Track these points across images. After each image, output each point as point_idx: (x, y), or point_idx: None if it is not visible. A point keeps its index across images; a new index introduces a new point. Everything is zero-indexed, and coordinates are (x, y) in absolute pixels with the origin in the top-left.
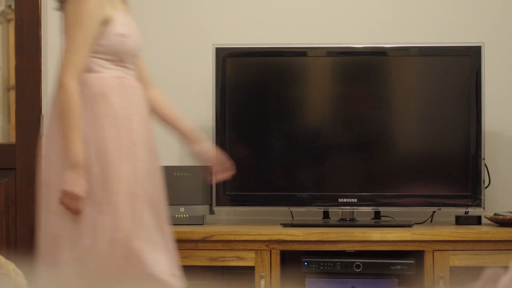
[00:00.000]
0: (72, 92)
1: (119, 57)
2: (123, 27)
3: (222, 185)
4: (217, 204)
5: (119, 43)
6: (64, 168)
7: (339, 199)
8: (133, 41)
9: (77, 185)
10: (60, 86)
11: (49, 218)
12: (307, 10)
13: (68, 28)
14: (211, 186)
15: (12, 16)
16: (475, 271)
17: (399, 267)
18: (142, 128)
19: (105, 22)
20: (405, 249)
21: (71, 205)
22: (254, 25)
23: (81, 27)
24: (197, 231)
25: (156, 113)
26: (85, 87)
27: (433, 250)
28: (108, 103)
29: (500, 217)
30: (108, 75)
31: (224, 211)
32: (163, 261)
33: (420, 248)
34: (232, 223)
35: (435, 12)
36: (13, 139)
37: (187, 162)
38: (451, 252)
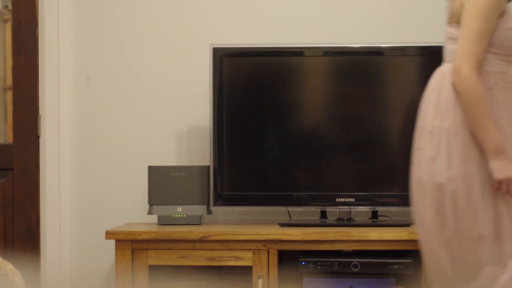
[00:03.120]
0: (476, 82)
1: (505, 52)
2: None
3: (220, 185)
4: (215, 204)
5: (507, 37)
6: (490, 157)
7: (337, 199)
8: None
9: (507, 169)
10: (460, 75)
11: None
12: (303, 10)
13: (469, 18)
14: (209, 186)
15: (9, 16)
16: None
17: (396, 266)
18: None
19: (501, 15)
20: (402, 248)
21: (511, 190)
22: (251, 25)
23: (484, 19)
24: (195, 231)
25: None
26: None
27: None
28: (491, 99)
29: None
30: (492, 70)
31: (222, 211)
32: None
33: (418, 248)
34: (229, 223)
35: (432, 12)
36: (10, 139)
37: (185, 162)
38: None
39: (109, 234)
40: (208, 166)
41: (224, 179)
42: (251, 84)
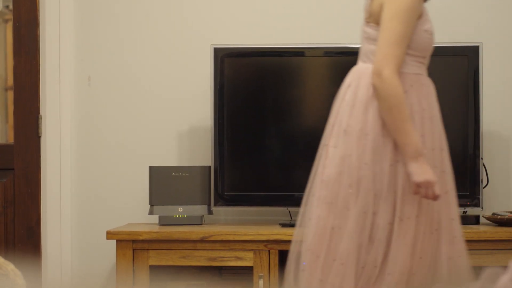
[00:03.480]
0: (397, 85)
1: (421, 54)
2: (429, 23)
3: (221, 185)
4: (216, 204)
5: (424, 40)
6: (408, 160)
7: None
8: (433, 37)
9: (426, 172)
10: (381, 78)
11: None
12: (303, 10)
13: (389, 20)
14: (210, 186)
15: (9, 16)
16: (474, 271)
17: None
18: (430, 130)
19: (419, 17)
20: None
21: (429, 193)
22: (252, 25)
23: (405, 21)
24: (196, 231)
25: None
26: None
27: None
28: (407, 101)
29: (499, 216)
30: (408, 72)
31: (223, 211)
32: None
33: None
34: (230, 223)
35: (433, 12)
36: (11, 140)
37: (186, 162)
38: None
39: (110, 234)
40: (209, 166)
41: (225, 179)
42: (252, 84)
